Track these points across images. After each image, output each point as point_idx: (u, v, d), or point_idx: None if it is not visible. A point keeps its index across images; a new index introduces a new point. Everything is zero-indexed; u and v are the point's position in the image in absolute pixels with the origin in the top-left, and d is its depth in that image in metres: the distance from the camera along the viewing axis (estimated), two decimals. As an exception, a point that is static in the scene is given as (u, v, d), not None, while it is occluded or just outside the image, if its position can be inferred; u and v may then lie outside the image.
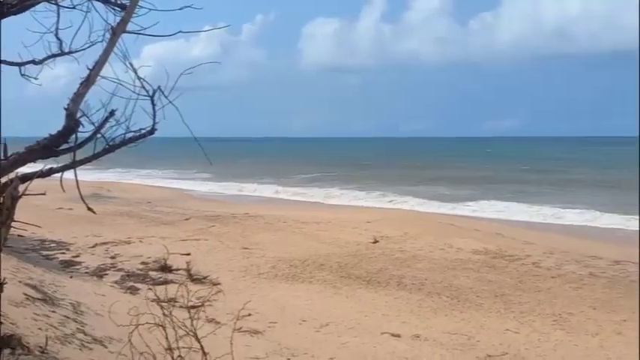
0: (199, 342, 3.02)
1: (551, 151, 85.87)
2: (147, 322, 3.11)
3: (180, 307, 4.68)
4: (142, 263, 11.39)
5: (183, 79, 2.98)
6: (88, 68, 2.74)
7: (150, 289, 5.85)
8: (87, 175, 31.06)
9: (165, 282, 9.27)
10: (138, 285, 9.57)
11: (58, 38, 3.28)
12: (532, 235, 17.48)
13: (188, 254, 12.22)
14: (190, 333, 3.03)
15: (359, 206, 25.84)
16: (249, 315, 8.04)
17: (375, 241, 14.57)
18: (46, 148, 2.78)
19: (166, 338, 3.02)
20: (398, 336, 7.70)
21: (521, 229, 19.17)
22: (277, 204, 25.95)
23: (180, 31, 2.96)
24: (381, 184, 35.88)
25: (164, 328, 3.04)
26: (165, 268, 10.50)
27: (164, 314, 3.13)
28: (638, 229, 17.37)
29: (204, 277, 10.25)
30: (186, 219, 18.21)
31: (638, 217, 18.97)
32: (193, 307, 6.59)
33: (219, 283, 9.85)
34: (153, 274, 10.45)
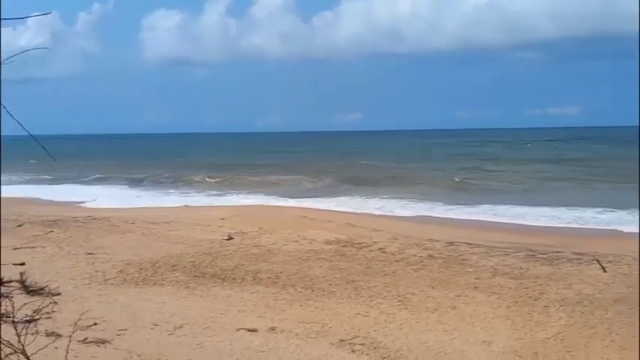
0: (28, 359, 2.73)
1: (388, 144, 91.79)
2: (-38, 344, 2.74)
3: (14, 321, 4.21)
4: (-35, 278, 10.07)
5: (7, 72, 2.67)
6: None
7: (-28, 306, 5.18)
8: None
9: (-6, 297, 8.28)
10: (-40, 303, 8.45)
11: None
12: (379, 222, 18.60)
13: (22, 264, 11.07)
14: (18, 350, 2.72)
15: (212, 204, 25.43)
16: (95, 324, 7.53)
17: (230, 238, 14.44)
18: None
19: (-13, 359, 2.69)
20: (254, 331, 7.72)
21: (370, 218, 20.31)
22: (124, 205, 24.52)
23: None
24: (236, 179, 35.70)
25: (-16, 348, 2.70)
26: (-6, 282, 9.40)
27: (-16, 333, 2.78)
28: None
29: (42, 288, 9.35)
30: (19, 225, 16.49)
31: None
32: (28, 320, 5.99)
33: (59, 293, 9.06)
34: (-22, 289, 9.28)
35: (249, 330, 7.74)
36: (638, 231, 15.82)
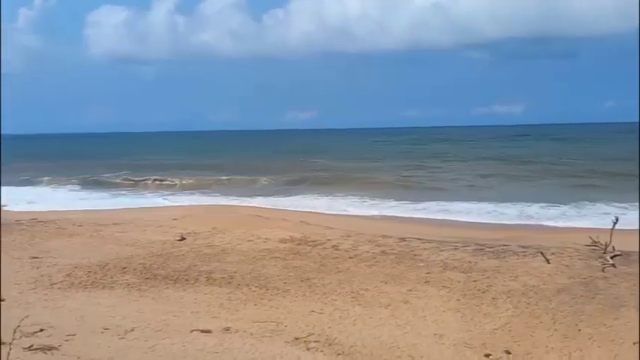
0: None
1: (340, 143, 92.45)
2: None
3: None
4: None
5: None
6: None
7: None
8: None
9: None
10: None
11: None
12: (333, 220, 18.77)
13: (-39, 270, 10.57)
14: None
15: (164, 204, 25.01)
16: (42, 330, 7.29)
17: (182, 239, 14.23)
18: None
19: None
20: (208, 332, 7.64)
21: (323, 216, 20.47)
22: (71, 207, 23.79)
23: None
24: (188, 178, 35.16)
25: None
26: None
27: None
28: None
29: (-17, 295, 8.96)
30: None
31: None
32: (-32, 330, 5.74)
33: (2, 299, 8.71)
34: None
35: (202, 331, 7.66)
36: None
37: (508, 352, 7.16)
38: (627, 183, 29.30)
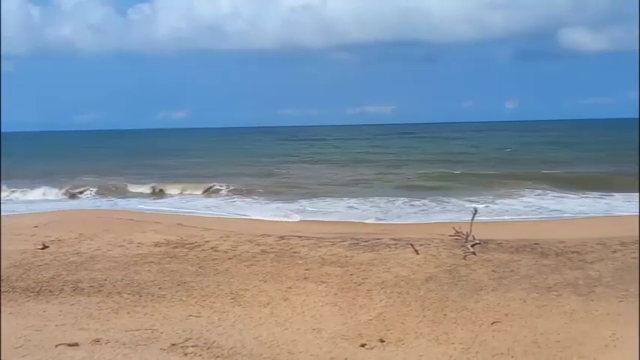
0: None
1: (214, 142, 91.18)
2: None
3: None
4: None
5: None
6: None
7: None
8: None
9: None
10: None
11: None
12: (210, 221, 18.43)
13: None
14: None
15: (22, 210, 22.91)
16: None
17: (45, 247, 13.15)
18: None
19: None
20: (75, 345, 7.12)
21: (200, 217, 20.00)
22: None
23: None
24: (50, 182, 32.51)
25: None
26: None
27: None
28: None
29: None
30: None
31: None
32: None
33: None
34: None
35: (69, 345, 7.12)
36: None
37: (382, 341, 7.51)
38: (481, 179, 32.08)
